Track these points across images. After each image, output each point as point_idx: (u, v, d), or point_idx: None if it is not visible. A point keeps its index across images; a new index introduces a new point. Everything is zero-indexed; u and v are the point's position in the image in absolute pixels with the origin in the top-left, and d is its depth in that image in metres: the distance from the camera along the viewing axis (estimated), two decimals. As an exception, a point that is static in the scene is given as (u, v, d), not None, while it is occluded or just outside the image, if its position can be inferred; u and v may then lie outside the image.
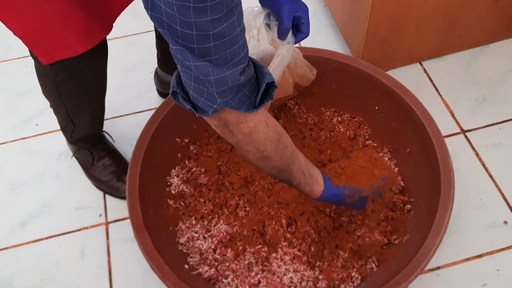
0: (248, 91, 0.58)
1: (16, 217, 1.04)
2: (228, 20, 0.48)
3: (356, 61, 0.98)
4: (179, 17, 0.47)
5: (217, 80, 0.53)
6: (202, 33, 0.48)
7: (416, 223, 0.87)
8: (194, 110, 0.59)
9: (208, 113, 0.58)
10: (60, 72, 0.82)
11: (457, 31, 1.16)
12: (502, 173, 1.03)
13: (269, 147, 0.65)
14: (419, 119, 0.90)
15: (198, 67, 0.51)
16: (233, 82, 0.54)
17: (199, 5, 0.45)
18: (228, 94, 0.56)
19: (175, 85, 0.58)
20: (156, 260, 0.78)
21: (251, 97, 0.58)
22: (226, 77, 0.53)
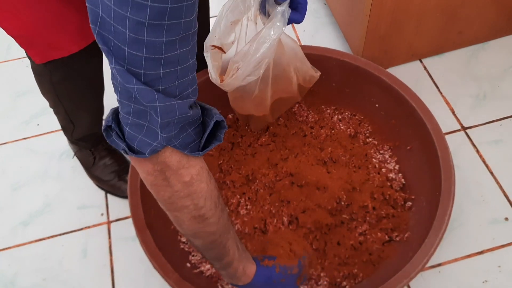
0: (193, 132, 0.51)
1: (18, 217, 1.04)
2: (183, 47, 0.45)
3: (356, 59, 0.98)
4: (129, 34, 0.42)
5: (163, 108, 0.46)
6: (153, 56, 0.43)
7: (417, 220, 0.87)
8: (128, 150, 0.50)
9: (145, 153, 0.50)
10: (55, 72, 0.82)
11: (457, 27, 1.16)
12: (503, 170, 1.03)
13: (209, 203, 0.56)
14: (420, 116, 0.90)
15: (142, 92, 0.44)
16: (180, 114, 0.47)
17: (155, 22, 0.41)
18: (172, 129, 0.49)
19: (110, 120, 0.50)
20: (158, 258, 0.78)
21: (195, 140, 0.52)
22: (174, 106, 0.46)
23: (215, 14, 1.33)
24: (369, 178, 0.94)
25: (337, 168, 0.95)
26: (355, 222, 0.89)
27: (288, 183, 0.92)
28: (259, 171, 0.95)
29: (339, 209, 0.90)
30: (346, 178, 0.93)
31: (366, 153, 0.98)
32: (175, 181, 0.53)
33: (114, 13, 0.42)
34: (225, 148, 1.00)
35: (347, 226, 0.89)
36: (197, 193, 0.54)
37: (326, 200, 0.89)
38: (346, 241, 0.87)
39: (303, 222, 0.88)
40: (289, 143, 1.00)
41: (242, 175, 0.95)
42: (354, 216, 0.90)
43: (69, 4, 0.70)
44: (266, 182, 0.94)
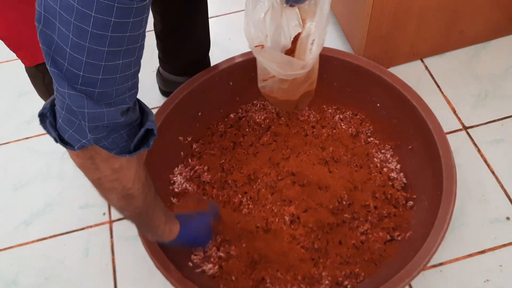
0: (126, 134, 0.53)
1: (20, 216, 1.05)
2: (126, 58, 0.45)
3: (358, 58, 0.98)
4: (72, 38, 0.43)
5: (91, 115, 0.47)
6: (93, 62, 0.44)
7: (419, 219, 0.87)
8: (59, 141, 0.52)
9: (74, 146, 0.52)
10: (47, 73, 0.81)
11: (458, 27, 1.16)
12: (504, 169, 1.03)
13: (137, 184, 0.59)
14: (421, 116, 0.90)
15: (72, 97, 0.46)
16: (109, 120, 0.49)
17: (99, 32, 0.42)
18: (101, 132, 0.50)
19: (47, 108, 0.52)
20: (160, 257, 0.78)
21: (127, 141, 0.54)
22: (103, 113, 0.48)
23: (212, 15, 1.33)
24: (371, 177, 0.94)
25: (338, 167, 0.95)
26: (357, 222, 0.89)
27: (289, 183, 0.93)
28: (260, 171, 0.96)
29: (340, 209, 0.90)
30: (348, 177, 0.93)
31: (368, 153, 0.98)
32: (104, 167, 0.55)
33: (60, 16, 0.43)
34: (227, 148, 1.01)
35: (348, 225, 0.89)
36: (126, 177, 0.57)
37: (327, 199, 0.89)
38: (347, 240, 0.87)
39: (305, 222, 0.88)
40: (291, 142, 1.00)
41: (244, 175, 0.95)
42: (355, 216, 0.90)
43: None
44: (267, 181, 0.94)
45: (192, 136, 1.01)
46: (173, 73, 1.12)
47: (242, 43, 1.27)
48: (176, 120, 0.95)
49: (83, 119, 0.48)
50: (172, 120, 0.94)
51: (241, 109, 1.06)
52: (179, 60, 1.08)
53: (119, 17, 0.42)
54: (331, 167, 0.95)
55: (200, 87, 0.97)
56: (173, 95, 0.95)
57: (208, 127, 1.04)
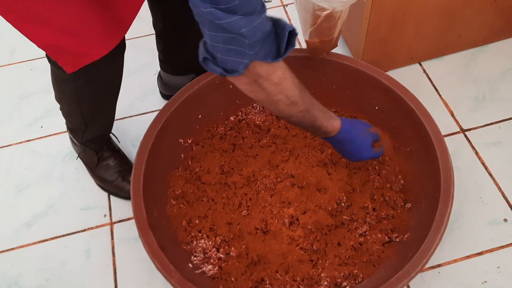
0: (270, 43, 0.62)
1: (22, 218, 1.06)
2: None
3: (356, 61, 0.99)
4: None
5: (248, 32, 0.57)
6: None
7: (417, 221, 0.88)
8: (225, 73, 0.63)
9: (238, 70, 0.62)
10: (81, 77, 0.82)
11: (456, 31, 1.17)
12: (502, 171, 1.04)
13: (296, 91, 0.71)
14: (419, 119, 0.91)
15: (231, 23, 0.56)
16: (262, 32, 0.59)
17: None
18: (256, 46, 0.60)
19: (204, 52, 0.62)
20: (160, 259, 0.79)
21: (272, 49, 0.63)
22: (256, 27, 0.58)
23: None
24: (369, 179, 0.95)
25: (337, 169, 0.96)
26: (355, 223, 0.90)
27: (289, 185, 0.94)
28: (260, 173, 0.96)
29: (339, 210, 0.91)
30: (346, 179, 0.94)
31: (366, 155, 0.99)
32: (268, 85, 0.67)
33: None
34: (227, 150, 1.01)
35: (347, 227, 0.90)
36: (286, 87, 0.69)
37: (326, 201, 0.90)
38: (346, 242, 0.88)
39: (304, 223, 0.89)
40: (290, 144, 1.01)
41: (243, 177, 0.96)
42: (354, 217, 0.91)
43: (90, 8, 0.71)
44: (267, 183, 0.95)
45: (192, 139, 1.02)
46: (173, 73, 1.13)
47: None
48: (177, 123, 0.96)
49: (244, 38, 0.58)
50: (173, 123, 0.95)
51: (241, 112, 1.07)
52: (179, 59, 1.09)
53: None
54: (330, 169, 0.96)
55: (200, 90, 0.98)
56: (174, 98, 0.96)
57: (208, 129, 1.05)
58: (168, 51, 1.09)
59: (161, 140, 0.93)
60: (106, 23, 0.74)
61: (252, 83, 0.66)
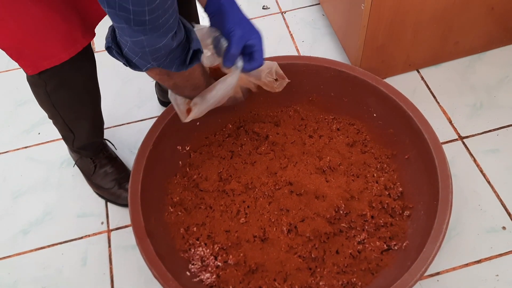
0: (179, 52, 0.63)
1: (19, 225, 1.05)
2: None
3: (354, 69, 1.00)
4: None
5: (152, 50, 0.59)
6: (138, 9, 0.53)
7: (415, 228, 0.88)
8: (128, 65, 0.64)
9: (141, 69, 0.64)
10: (50, 81, 0.82)
11: (453, 38, 1.18)
12: (500, 179, 1.04)
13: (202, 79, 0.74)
14: (417, 126, 0.91)
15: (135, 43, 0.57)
16: (165, 49, 0.60)
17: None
18: (160, 58, 0.62)
19: (110, 41, 0.62)
20: (157, 267, 0.78)
21: (181, 57, 0.65)
22: (160, 47, 0.59)
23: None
24: (368, 187, 0.95)
25: (335, 176, 0.96)
26: (354, 231, 0.90)
27: (287, 192, 0.93)
28: (258, 180, 0.96)
29: (337, 218, 0.91)
30: (345, 186, 0.93)
31: (364, 162, 0.99)
32: (177, 76, 0.70)
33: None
34: (225, 157, 1.01)
35: (345, 234, 0.90)
36: (194, 78, 0.73)
37: (325, 208, 0.90)
38: (344, 250, 0.87)
39: (302, 231, 0.89)
40: (288, 152, 1.01)
41: (241, 184, 0.96)
42: (352, 225, 0.90)
43: (52, 12, 0.70)
44: (265, 190, 0.95)
45: (190, 146, 1.02)
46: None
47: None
48: (175, 130, 0.96)
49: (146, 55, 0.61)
50: (171, 130, 0.95)
51: (239, 119, 1.07)
52: None
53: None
54: (328, 177, 0.96)
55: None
56: (172, 105, 0.96)
57: (206, 136, 1.04)
58: None
59: (159, 147, 0.93)
60: (69, 28, 0.73)
61: (163, 74, 0.68)
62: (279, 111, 1.07)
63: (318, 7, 1.41)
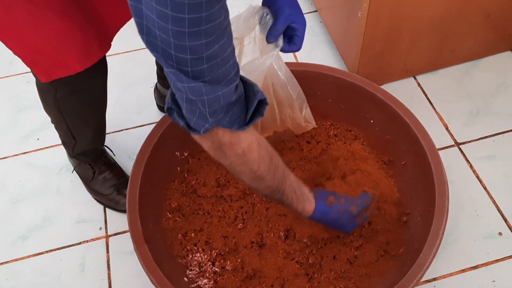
0: (238, 109, 0.59)
1: (17, 231, 1.05)
2: (220, 41, 0.50)
3: (352, 75, 1.00)
4: (173, 41, 0.48)
5: (210, 100, 0.54)
6: (196, 56, 0.49)
7: (412, 234, 0.88)
8: (187, 128, 0.60)
9: (199, 131, 0.59)
10: (61, 88, 0.83)
11: (450, 45, 1.19)
12: (496, 185, 1.04)
13: (262, 166, 0.66)
14: (413, 132, 0.92)
15: (192, 88, 0.52)
16: (225, 101, 0.55)
17: (193, 29, 0.47)
18: (219, 113, 0.57)
19: (170, 102, 0.59)
20: (155, 273, 0.78)
21: (240, 115, 0.59)
22: (219, 96, 0.54)
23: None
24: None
25: (332, 182, 0.96)
26: (351, 237, 0.90)
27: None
28: (256, 186, 0.97)
29: (335, 224, 0.91)
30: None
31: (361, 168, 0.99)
32: (231, 154, 0.63)
33: (158, 25, 0.47)
34: (223, 163, 1.02)
35: (342, 240, 0.90)
36: (250, 161, 0.65)
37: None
38: (342, 255, 0.88)
39: (300, 237, 0.89)
40: (286, 157, 1.01)
41: (239, 189, 0.96)
42: (349, 231, 0.91)
43: (72, 24, 0.72)
44: (263, 196, 0.95)
45: (188, 152, 1.03)
46: (170, 89, 1.14)
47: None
48: (173, 136, 0.97)
49: (202, 106, 0.55)
50: (169, 136, 0.96)
51: (237, 125, 1.08)
52: None
53: (208, 9, 0.46)
54: (325, 182, 0.96)
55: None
56: (170, 111, 0.97)
57: (205, 142, 1.05)
58: None
59: (157, 153, 0.93)
60: (87, 39, 0.74)
61: (216, 149, 0.62)
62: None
63: (315, 14, 1.42)
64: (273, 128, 0.94)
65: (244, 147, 0.62)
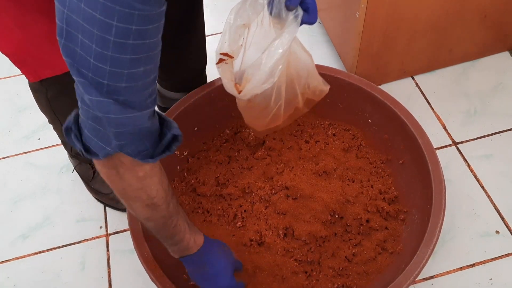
0: (148, 142, 0.54)
1: (18, 230, 1.06)
2: (147, 65, 0.47)
3: (350, 75, 1.01)
4: (96, 49, 0.45)
5: (118, 120, 0.49)
6: (116, 70, 0.46)
7: (409, 232, 0.89)
8: (85, 152, 0.54)
9: (98, 155, 0.54)
10: (51, 88, 0.83)
11: (447, 46, 1.20)
12: (494, 184, 1.05)
13: (161, 192, 0.60)
14: (411, 132, 0.93)
15: (99, 103, 0.48)
16: (135, 126, 0.51)
17: (119, 40, 0.44)
18: (125, 138, 0.52)
19: (71, 121, 0.54)
20: (155, 271, 0.79)
21: (148, 149, 0.55)
22: (129, 118, 0.50)
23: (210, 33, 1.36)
24: (363, 191, 0.96)
25: (331, 181, 0.97)
26: (349, 234, 0.91)
27: (283, 196, 0.95)
28: (255, 184, 0.97)
29: (333, 222, 0.92)
30: (340, 191, 0.95)
31: (360, 167, 1.00)
32: (129, 176, 0.56)
33: (83, 28, 0.44)
34: (222, 162, 1.03)
35: (341, 238, 0.91)
36: (150, 185, 0.58)
37: (320, 212, 0.91)
38: (340, 253, 0.89)
39: (298, 235, 0.90)
40: (285, 157, 1.02)
41: (238, 188, 0.97)
42: (348, 229, 0.92)
43: None
44: (262, 195, 0.96)
45: (188, 151, 1.04)
46: (170, 90, 1.15)
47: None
48: (173, 135, 0.97)
49: (109, 125, 0.50)
50: (169, 135, 0.96)
51: (237, 125, 1.08)
52: (176, 77, 1.11)
53: (139, 24, 0.44)
54: (324, 181, 0.97)
55: (196, 103, 1.00)
56: (170, 110, 0.98)
57: (204, 142, 1.06)
58: (165, 69, 1.11)
59: (157, 152, 0.94)
60: None
61: (111, 169, 0.55)
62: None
63: (314, 15, 1.43)
64: (295, 105, 0.92)
65: (147, 169, 0.57)
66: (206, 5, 1.40)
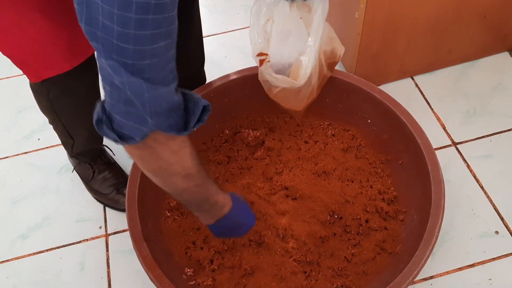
0: (178, 116, 0.56)
1: (17, 230, 1.06)
2: (167, 39, 0.48)
3: (349, 76, 1.01)
4: (117, 29, 0.45)
5: (151, 98, 0.50)
6: (140, 48, 0.46)
7: (409, 232, 0.89)
8: (119, 140, 0.55)
9: (135, 139, 0.54)
10: (52, 89, 0.84)
11: (447, 46, 1.20)
12: (493, 184, 1.05)
13: (194, 162, 0.62)
14: (410, 132, 0.93)
15: (132, 84, 0.48)
16: (167, 102, 0.52)
17: (140, 16, 0.45)
18: (160, 116, 0.53)
19: (100, 113, 0.54)
20: (154, 271, 0.79)
21: (181, 120, 0.57)
22: (160, 94, 0.51)
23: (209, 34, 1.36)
24: (362, 191, 0.96)
25: (330, 181, 0.97)
26: (348, 235, 0.91)
27: (282, 196, 0.95)
28: (254, 184, 0.98)
29: (332, 222, 0.92)
30: (339, 191, 0.95)
31: (359, 167, 1.00)
32: (165, 152, 0.58)
33: (102, 10, 0.45)
34: (222, 162, 1.03)
35: (340, 238, 0.91)
36: (184, 157, 0.60)
37: (319, 212, 0.91)
38: (339, 253, 0.89)
39: (297, 235, 0.90)
40: (284, 157, 1.02)
41: (238, 188, 0.97)
42: (347, 229, 0.92)
43: (59, 23, 0.72)
44: (261, 195, 0.96)
45: (187, 151, 1.04)
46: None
47: (237, 61, 1.31)
48: (172, 135, 0.97)
49: (142, 106, 0.51)
50: (168, 135, 0.96)
51: (236, 125, 1.08)
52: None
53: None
54: (323, 181, 0.97)
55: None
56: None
57: (204, 142, 1.06)
58: None
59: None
60: (74, 39, 0.74)
61: (146, 149, 0.57)
62: (275, 117, 1.08)
63: (314, 15, 1.43)
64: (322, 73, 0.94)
65: (180, 142, 0.59)
66: (206, 5, 1.41)
